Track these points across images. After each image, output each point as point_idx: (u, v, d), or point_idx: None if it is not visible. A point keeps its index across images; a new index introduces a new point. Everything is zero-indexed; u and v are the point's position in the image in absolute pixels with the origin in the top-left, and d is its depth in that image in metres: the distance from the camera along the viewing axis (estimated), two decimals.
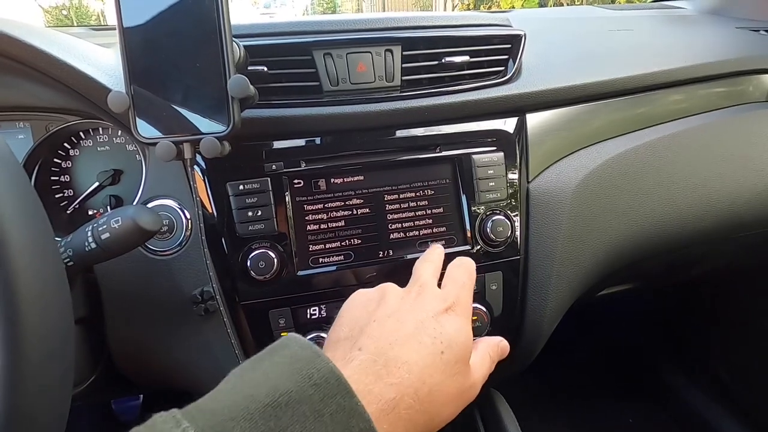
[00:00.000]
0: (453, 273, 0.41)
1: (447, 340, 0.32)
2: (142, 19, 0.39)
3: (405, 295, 0.36)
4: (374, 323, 0.33)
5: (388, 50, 0.50)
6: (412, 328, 0.32)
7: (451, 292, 0.37)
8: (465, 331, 0.35)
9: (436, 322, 0.33)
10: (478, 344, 0.39)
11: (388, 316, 0.33)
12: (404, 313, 0.34)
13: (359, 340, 0.31)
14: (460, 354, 0.33)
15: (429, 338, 0.32)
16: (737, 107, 0.69)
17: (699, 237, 0.66)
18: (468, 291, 0.39)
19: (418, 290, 0.37)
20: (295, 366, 0.25)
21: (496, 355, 0.41)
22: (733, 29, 0.77)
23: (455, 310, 0.35)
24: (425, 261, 0.43)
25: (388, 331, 0.32)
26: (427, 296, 0.36)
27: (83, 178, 0.55)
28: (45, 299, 0.25)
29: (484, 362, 0.38)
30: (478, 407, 0.70)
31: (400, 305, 0.35)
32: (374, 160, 0.52)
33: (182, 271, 0.49)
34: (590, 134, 0.61)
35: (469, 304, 0.38)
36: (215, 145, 0.39)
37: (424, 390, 0.30)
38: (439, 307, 0.35)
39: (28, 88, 0.47)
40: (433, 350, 0.31)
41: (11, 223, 0.24)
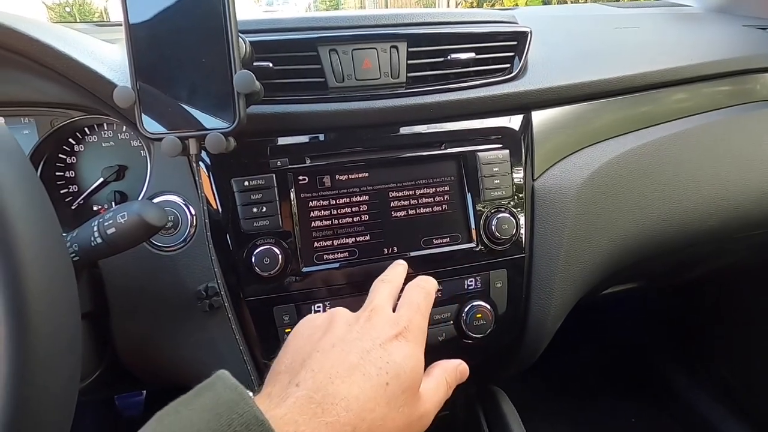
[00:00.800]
0: (408, 295, 0.39)
1: (394, 370, 0.31)
2: (148, 15, 0.39)
3: (354, 321, 0.35)
4: (317, 354, 0.31)
5: (393, 47, 0.50)
6: (357, 359, 0.31)
7: (403, 316, 0.36)
8: (414, 359, 0.33)
9: (384, 350, 0.32)
10: (433, 370, 0.37)
11: (332, 345, 0.32)
12: (350, 342, 0.32)
13: (299, 373, 0.30)
14: (407, 383, 0.31)
15: (374, 369, 0.30)
16: (743, 106, 0.69)
17: (704, 236, 0.66)
18: (422, 315, 0.37)
19: (368, 315, 0.35)
20: (216, 411, 0.24)
21: (453, 379, 0.38)
22: (740, 27, 0.76)
23: (406, 336, 0.34)
24: (382, 281, 0.41)
25: (330, 363, 0.30)
26: (378, 321, 0.34)
27: (88, 174, 0.55)
28: (53, 293, 0.25)
29: (438, 389, 0.36)
30: (481, 405, 0.70)
31: (347, 333, 0.33)
32: (379, 156, 0.52)
33: (187, 267, 0.49)
34: (595, 132, 0.61)
35: (422, 329, 0.36)
36: (221, 141, 0.39)
37: (362, 427, 0.28)
38: (388, 333, 0.33)
39: (33, 83, 0.47)
40: (377, 382, 0.30)
41: (20, 217, 0.24)
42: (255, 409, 0.24)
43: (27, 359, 0.23)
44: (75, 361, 0.28)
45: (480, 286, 0.54)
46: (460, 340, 0.55)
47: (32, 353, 0.23)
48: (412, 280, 0.41)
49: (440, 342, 0.54)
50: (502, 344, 0.58)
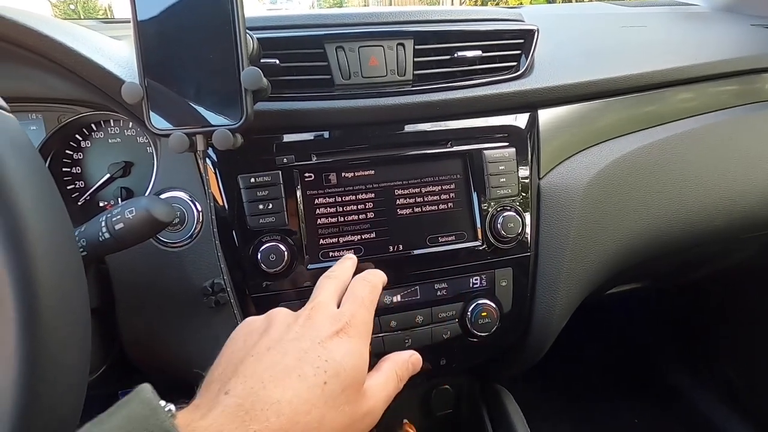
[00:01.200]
0: (353, 288, 0.37)
1: (333, 368, 0.30)
2: (156, 12, 0.39)
3: (293, 321, 0.33)
4: (250, 359, 0.30)
5: (400, 44, 0.50)
6: (293, 360, 0.30)
7: (346, 311, 0.34)
8: (356, 355, 0.32)
9: (323, 348, 0.31)
10: (382, 363, 0.36)
11: (268, 348, 0.31)
12: (287, 343, 0.31)
13: (230, 381, 0.28)
14: (348, 381, 0.30)
15: (311, 369, 0.29)
16: (751, 105, 0.68)
17: (710, 236, 0.65)
18: (367, 309, 0.36)
19: (308, 314, 0.34)
20: (126, 428, 0.23)
21: (405, 372, 0.37)
22: (748, 26, 0.76)
23: (348, 332, 0.33)
24: (327, 277, 0.39)
25: (263, 368, 0.29)
26: (318, 319, 0.33)
27: (94, 170, 0.55)
28: (64, 288, 0.25)
29: (388, 383, 0.35)
30: (485, 403, 0.70)
31: (285, 334, 0.32)
32: (385, 154, 0.52)
33: (193, 263, 0.49)
34: (602, 131, 0.61)
35: (366, 323, 0.35)
36: (228, 138, 0.39)
37: (296, 430, 0.27)
38: (329, 330, 0.32)
39: (42, 79, 0.48)
40: (314, 382, 0.29)
41: (31, 211, 0.24)
42: (166, 423, 0.23)
43: (38, 354, 0.23)
44: (85, 355, 0.28)
45: (485, 284, 0.54)
46: (465, 338, 0.55)
47: (43, 348, 0.24)
48: (360, 273, 0.40)
49: (445, 340, 0.54)
50: (507, 343, 0.58)
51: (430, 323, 0.53)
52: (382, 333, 0.52)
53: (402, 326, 0.52)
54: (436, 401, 0.71)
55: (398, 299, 0.52)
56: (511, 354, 0.62)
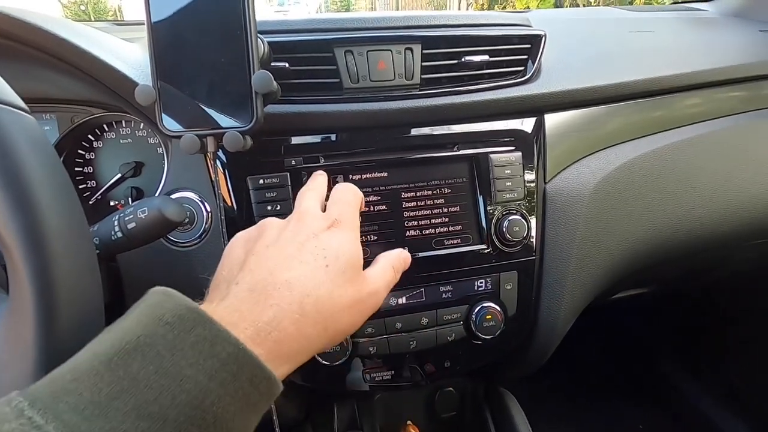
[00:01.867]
0: (337, 193, 0.39)
1: (332, 254, 0.32)
2: (169, 16, 0.39)
3: (285, 224, 0.35)
4: (253, 257, 0.32)
5: (408, 48, 0.51)
6: (293, 251, 0.32)
7: (333, 211, 0.36)
8: (350, 243, 0.34)
9: (317, 239, 0.33)
10: (378, 259, 0.39)
11: (267, 246, 0.32)
12: (283, 240, 0.33)
13: (238, 275, 0.30)
14: (348, 264, 0.32)
15: (311, 255, 0.31)
16: (758, 112, 0.68)
17: (716, 242, 0.65)
18: (353, 208, 0.38)
19: (297, 216, 0.35)
20: (146, 312, 0.24)
21: (399, 264, 0.40)
22: (756, 32, 0.76)
23: (338, 226, 0.35)
24: (306, 190, 0.41)
25: (266, 260, 0.31)
26: (307, 220, 0.35)
27: (106, 170, 0.56)
28: (80, 283, 0.26)
29: (386, 272, 0.37)
30: (489, 406, 0.70)
31: (280, 234, 0.34)
32: (392, 157, 0.52)
33: (202, 263, 0.50)
34: (608, 136, 0.61)
35: (354, 220, 0.37)
36: (238, 140, 0.40)
37: (309, 302, 0.29)
38: (320, 225, 0.34)
39: (56, 80, 0.48)
40: (316, 265, 0.31)
41: (49, 209, 0.25)
42: (186, 301, 0.24)
43: (55, 348, 0.24)
44: None
45: (490, 287, 0.54)
46: (469, 340, 0.55)
47: (60, 342, 0.24)
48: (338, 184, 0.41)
49: (449, 342, 0.54)
50: (511, 346, 0.58)
51: (435, 325, 0.54)
52: (387, 335, 0.53)
53: (407, 328, 0.53)
54: (440, 403, 0.71)
55: (403, 301, 0.53)
56: (516, 357, 0.62)
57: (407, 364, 0.55)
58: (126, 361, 0.22)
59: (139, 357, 0.22)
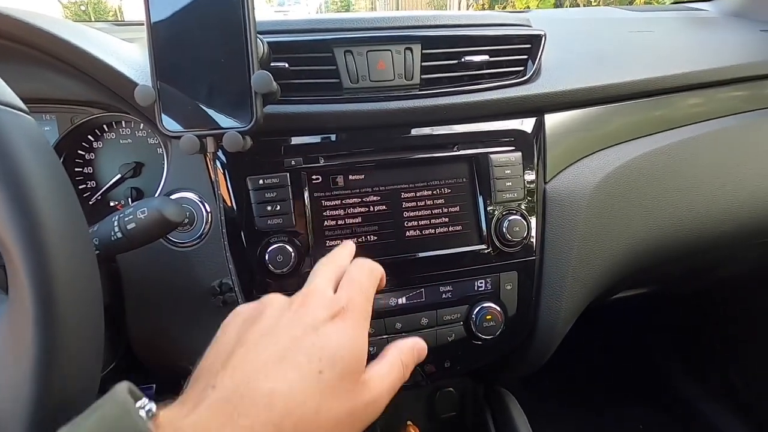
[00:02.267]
0: (350, 273, 0.35)
1: (329, 356, 0.28)
2: (169, 15, 0.40)
3: (286, 307, 0.31)
4: (241, 349, 0.28)
5: (408, 48, 0.51)
6: (286, 348, 0.28)
7: (343, 296, 0.32)
8: (354, 341, 0.30)
9: (317, 335, 0.29)
10: (387, 350, 0.34)
11: (260, 336, 0.29)
12: (279, 330, 0.29)
13: (218, 374, 0.27)
14: (346, 369, 0.28)
15: (305, 357, 0.27)
16: (759, 111, 0.68)
17: (717, 242, 0.65)
18: (365, 294, 0.33)
19: (302, 299, 0.32)
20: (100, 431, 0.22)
21: (410, 359, 0.35)
22: (757, 32, 0.76)
23: (344, 317, 0.30)
24: (323, 263, 0.37)
25: (253, 358, 0.27)
26: (312, 303, 0.31)
27: (105, 170, 0.56)
28: (79, 284, 0.26)
29: (392, 371, 0.32)
30: (489, 406, 0.70)
31: (278, 320, 0.30)
32: (392, 157, 0.52)
33: (201, 263, 0.50)
34: (608, 136, 0.61)
35: (364, 309, 0.33)
36: (238, 140, 0.40)
37: (288, 424, 0.25)
38: (323, 314, 0.30)
39: (56, 80, 0.48)
40: (308, 371, 0.27)
41: (49, 210, 0.25)
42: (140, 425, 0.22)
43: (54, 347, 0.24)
44: (98, 351, 0.29)
45: (490, 287, 0.54)
46: (469, 341, 0.55)
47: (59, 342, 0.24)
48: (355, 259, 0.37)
49: (449, 342, 0.54)
50: (512, 346, 0.58)
51: (435, 326, 0.54)
52: (387, 334, 0.53)
53: (407, 328, 0.53)
54: (440, 403, 0.71)
55: (403, 301, 0.53)
56: (516, 357, 0.62)
57: None
58: None
59: None
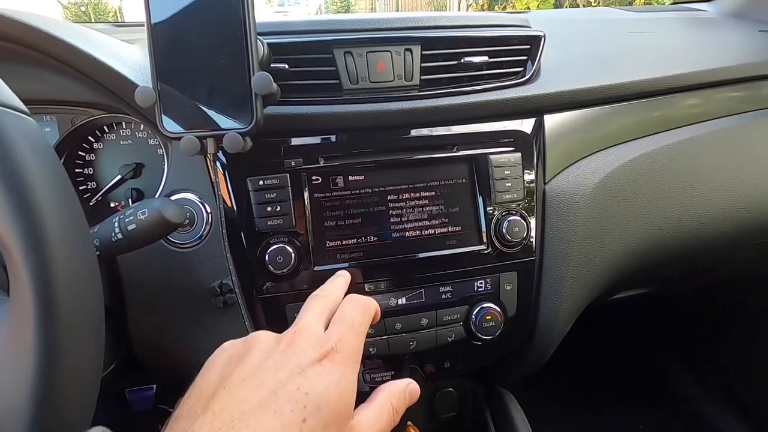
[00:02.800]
0: (343, 309, 0.34)
1: (314, 402, 0.27)
2: (169, 17, 0.40)
3: (274, 346, 0.30)
4: (223, 391, 0.27)
5: (407, 49, 0.51)
6: (269, 393, 0.27)
7: (333, 333, 0.31)
8: (342, 384, 0.28)
9: (303, 378, 0.27)
10: (377, 394, 0.33)
11: (242, 379, 0.28)
12: (264, 373, 0.28)
13: (198, 419, 0.26)
14: (332, 416, 0.27)
15: (288, 404, 0.26)
16: (758, 112, 0.68)
17: (716, 242, 0.65)
18: (357, 333, 0.32)
19: (290, 338, 0.30)
20: None
21: (401, 403, 0.34)
22: (756, 33, 0.76)
23: (333, 358, 0.29)
24: (315, 296, 0.36)
25: (235, 403, 0.26)
26: (300, 344, 0.30)
27: (106, 171, 0.56)
28: (80, 284, 0.26)
29: (381, 417, 0.31)
30: (489, 406, 0.70)
31: (263, 361, 0.29)
32: (392, 158, 0.52)
33: (202, 264, 0.50)
34: (608, 136, 0.61)
35: (355, 349, 0.31)
36: (238, 141, 0.40)
37: None
38: (311, 356, 0.29)
39: (57, 82, 0.49)
40: (291, 420, 0.26)
41: (50, 212, 0.25)
42: None
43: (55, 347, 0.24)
44: (99, 351, 0.29)
45: (490, 288, 0.55)
46: (469, 341, 0.55)
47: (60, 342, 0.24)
48: (348, 297, 0.35)
49: (449, 343, 0.54)
50: (511, 346, 0.58)
51: (435, 326, 0.54)
52: (387, 335, 0.53)
53: (407, 329, 0.53)
54: (440, 404, 0.71)
55: (403, 302, 0.53)
56: (515, 358, 0.62)
57: (407, 365, 0.55)
58: None
59: None
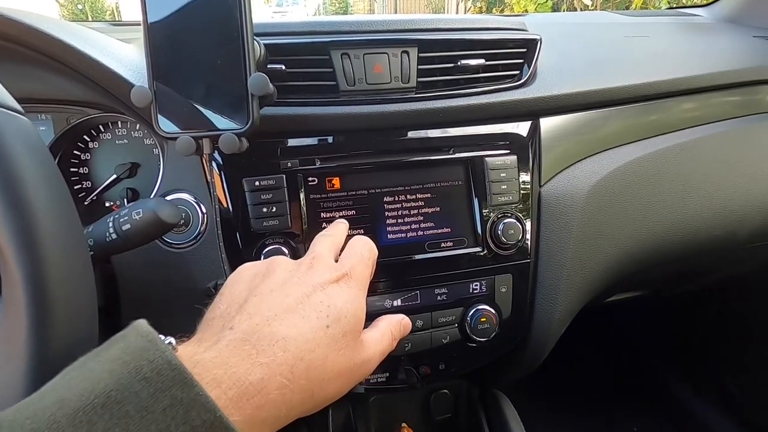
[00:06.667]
0: (352, 244, 0.39)
1: (335, 313, 0.31)
2: (166, 17, 0.40)
3: (295, 268, 0.34)
4: (254, 298, 0.30)
5: (404, 51, 0.51)
6: (296, 301, 0.30)
7: (346, 263, 0.35)
8: (356, 303, 0.33)
9: (324, 293, 0.32)
10: (378, 321, 0.38)
11: (271, 290, 0.31)
12: (290, 286, 0.32)
13: (234, 317, 0.29)
14: (348, 327, 0.31)
15: (313, 312, 0.30)
16: (752, 117, 0.69)
17: (710, 246, 0.66)
18: (365, 263, 0.37)
19: (309, 262, 0.34)
20: (124, 359, 0.22)
21: (398, 331, 0.39)
22: (750, 38, 0.76)
23: (347, 281, 0.34)
24: (323, 235, 0.40)
25: (267, 306, 0.29)
26: (319, 267, 0.34)
27: (101, 171, 0.56)
28: (73, 285, 0.26)
29: (383, 338, 0.36)
30: (484, 409, 0.70)
31: (288, 278, 0.33)
32: (388, 160, 0.52)
33: (197, 264, 0.50)
34: (603, 140, 0.61)
35: (364, 276, 0.36)
36: (234, 141, 0.40)
37: (300, 366, 0.28)
38: (329, 277, 0.33)
39: (52, 81, 0.48)
40: (316, 324, 0.30)
41: (43, 211, 0.25)
42: (168, 354, 0.22)
43: (48, 349, 0.24)
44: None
45: (485, 290, 0.55)
46: (464, 343, 0.55)
47: (53, 343, 0.24)
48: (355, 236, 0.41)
49: (444, 345, 0.54)
50: (506, 348, 0.58)
51: (430, 328, 0.54)
52: None
53: None
54: (435, 405, 0.71)
55: (398, 303, 0.53)
56: (510, 360, 0.62)
57: (402, 367, 0.55)
58: (91, 418, 0.20)
59: (106, 415, 0.20)
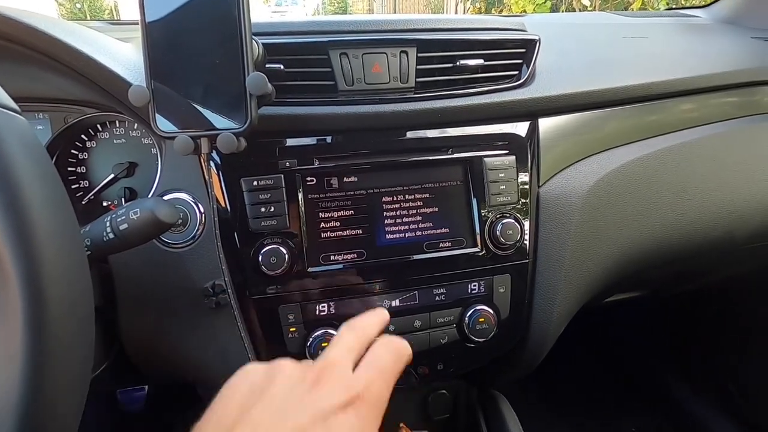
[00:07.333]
0: (376, 351, 0.32)
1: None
2: (164, 16, 0.39)
3: (299, 381, 0.28)
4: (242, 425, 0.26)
5: (403, 51, 0.51)
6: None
7: (361, 378, 0.29)
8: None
9: (325, 426, 0.26)
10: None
11: (263, 417, 0.26)
12: (286, 413, 0.26)
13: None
14: None
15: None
16: (750, 117, 0.69)
17: (708, 246, 0.66)
18: (386, 381, 0.30)
19: (317, 374, 0.29)
20: None
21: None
22: (748, 39, 0.76)
23: (358, 407, 0.27)
24: (349, 327, 0.34)
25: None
26: (327, 384, 0.28)
27: (99, 170, 0.55)
28: (69, 285, 0.26)
29: None
30: (482, 409, 0.70)
31: (287, 397, 0.27)
32: (386, 159, 0.52)
33: (194, 264, 0.50)
34: (602, 140, 0.61)
35: (382, 398, 0.29)
36: (232, 141, 0.40)
37: None
38: (336, 401, 0.27)
39: (50, 80, 0.48)
40: None
41: (40, 211, 0.24)
42: None
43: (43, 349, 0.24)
44: (88, 352, 0.29)
45: (483, 290, 0.55)
46: (462, 343, 0.55)
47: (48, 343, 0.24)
48: (381, 337, 0.33)
49: (442, 345, 0.54)
50: (504, 349, 0.58)
51: (428, 328, 0.54)
52: None
53: (400, 331, 0.53)
54: (433, 406, 0.71)
55: (397, 304, 0.53)
56: (509, 360, 0.62)
57: None
58: None
59: None
